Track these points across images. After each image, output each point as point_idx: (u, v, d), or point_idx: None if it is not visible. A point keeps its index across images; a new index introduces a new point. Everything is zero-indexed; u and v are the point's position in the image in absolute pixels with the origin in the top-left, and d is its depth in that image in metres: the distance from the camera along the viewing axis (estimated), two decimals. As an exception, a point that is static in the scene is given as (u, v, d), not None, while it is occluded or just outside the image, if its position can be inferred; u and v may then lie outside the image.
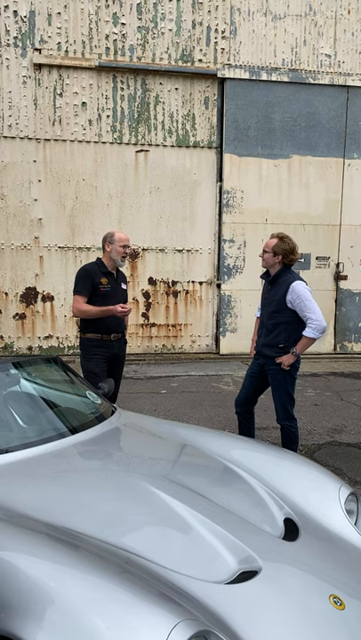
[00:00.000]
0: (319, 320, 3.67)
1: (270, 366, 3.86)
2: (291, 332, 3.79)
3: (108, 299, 3.99)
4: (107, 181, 7.97)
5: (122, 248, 4.03)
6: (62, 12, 7.54)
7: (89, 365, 3.99)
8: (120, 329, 4.12)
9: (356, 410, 5.79)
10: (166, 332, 8.40)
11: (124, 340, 4.22)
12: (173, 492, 2.18)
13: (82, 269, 4.06)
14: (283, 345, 3.79)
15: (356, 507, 2.44)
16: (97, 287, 3.99)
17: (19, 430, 2.65)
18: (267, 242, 3.87)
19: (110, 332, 4.03)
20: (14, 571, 1.61)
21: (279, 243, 3.80)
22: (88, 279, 3.97)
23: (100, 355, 4.01)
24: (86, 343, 4.04)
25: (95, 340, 4.01)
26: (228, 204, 8.24)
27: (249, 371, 4.08)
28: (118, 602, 1.50)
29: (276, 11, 8.04)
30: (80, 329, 4.13)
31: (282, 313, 3.79)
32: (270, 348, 3.84)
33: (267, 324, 3.88)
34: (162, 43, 7.85)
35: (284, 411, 3.90)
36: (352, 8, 8.24)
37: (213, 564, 1.84)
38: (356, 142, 8.48)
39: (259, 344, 3.96)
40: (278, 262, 3.83)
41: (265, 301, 3.96)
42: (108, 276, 4.07)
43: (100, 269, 4.04)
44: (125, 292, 4.26)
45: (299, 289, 3.72)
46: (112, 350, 4.06)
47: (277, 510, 2.29)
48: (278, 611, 1.71)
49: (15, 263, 7.93)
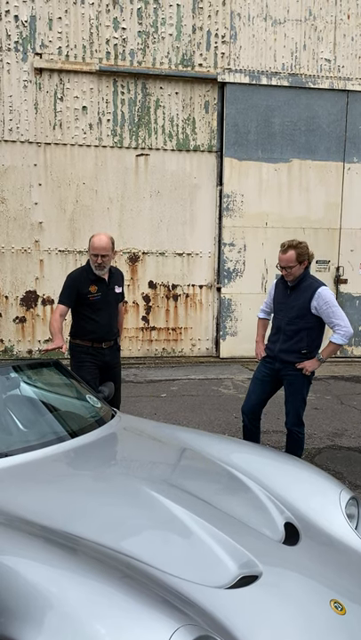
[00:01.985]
0: (348, 327, 3.64)
1: (289, 372, 3.77)
2: (313, 337, 3.73)
3: (98, 307, 3.82)
4: (107, 185, 7.99)
5: (94, 257, 3.74)
6: (63, 16, 7.57)
7: (79, 372, 3.78)
8: (111, 337, 3.95)
9: (356, 414, 5.78)
10: (166, 335, 8.40)
11: (117, 347, 4.06)
12: (173, 496, 2.17)
13: (68, 277, 3.86)
14: (305, 351, 3.72)
15: (356, 511, 2.43)
16: (85, 297, 3.79)
17: (18, 434, 2.64)
18: (283, 257, 3.67)
19: (101, 341, 3.87)
20: (14, 575, 1.60)
21: (298, 251, 3.66)
22: (73, 289, 3.78)
23: (89, 362, 3.85)
24: (76, 349, 3.89)
25: (85, 347, 3.86)
26: (228, 208, 8.26)
27: (258, 375, 3.97)
28: (118, 606, 1.49)
29: (276, 15, 8.08)
30: (70, 333, 3.95)
31: (304, 319, 3.71)
32: (291, 353, 3.75)
33: (286, 329, 3.77)
34: (162, 47, 7.88)
35: (296, 416, 3.84)
36: (352, 13, 8.27)
37: (214, 569, 1.83)
38: (356, 146, 8.50)
39: (275, 349, 3.83)
40: (304, 268, 3.74)
41: (282, 306, 3.83)
42: (98, 282, 3.83)
43: (87, 276, 3.82)
44: (120, 295, 4.04)
45: (326, 295, 3.65)
46: (103, 358, 3.90)
47: (278, 514, 2.28)
48: (279, 616, 1.70)
49: (15, 266, 7.93)
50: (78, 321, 3.91)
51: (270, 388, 3.95)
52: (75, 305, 3.85)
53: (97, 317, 3.85)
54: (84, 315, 3.86)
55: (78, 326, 3.90)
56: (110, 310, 3.92)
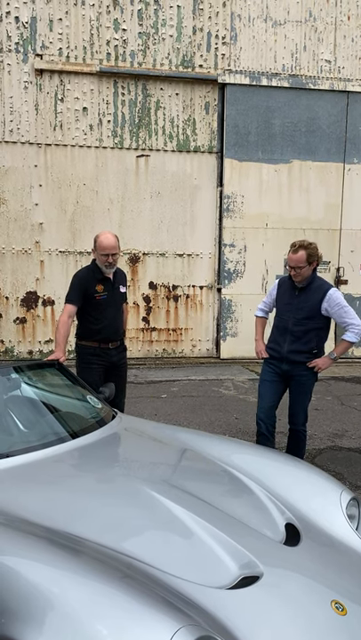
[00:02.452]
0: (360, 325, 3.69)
1: (300, 372, 3.78)
2: (322, 337, 3.78)
3: (104, 307, 3.83)
4: (107, 186, 7.99)
5: (104, 257, 3.76)
6: (64, 17, 7.58)
7: (85, 375, 3.79)
8: (118, 337, 3.97)
9: (356, 414, 5.78)
10: (167, 336, 8.40)
11: (124, 347, 4.07)
12: (174, 496, 2.17)
13: (75, 277, 3.87)
14: (316, 351, 3.77)
15: (357, 512, 2.43)
16: (92, 296, 3.80)
17: (19, 435, 2.65)
18: (294, 257, 3.64)
19: (108, 341, 3.88)
20: (15, 575, 1.60)
21: (309, 251, 3.64)
22: (81, 288, 3.79)
23: (96, 363, 3.85)
24: (83, 351, 3.89)
25: (92, 348, 3.85)
26: (228, 209, 8.26)
27: (266, 377, 3.92)
28: (119, 607, 1.49)
29: (276, 17, 8.08)
30: (76, 335, 3.96)
31: (314, 319, 3.72)
32: (300, 354, 3.75)
33: (294, 330, 3.75)
34: (163, 48, 7.88)
35: (304, 415, 3.87)
36: (352, 14, 8.28)
37: (215, 569, 1.83)
38: (357, 147, 8.50)
39: (282, 350, 3.81)
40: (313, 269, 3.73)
41: (288, 307, 3.80)
42: (104, 281, 3.85)
43: (94, 275, 3.84)
44: (124, 295, 4.07)
45: (337, 296, 3.70)
46: (110, 358, 3.90)
47: (279, 515, 2.28)
48: (280, 616, 1.71)
49: (16, 267, 7.93)
50: (84, 322, 3.92)
51: (281, 388, 3.93)
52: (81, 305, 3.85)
53: (103, 317, 3.86)
54: (91, 315, 3.86)
55: (84, 327, 3.90)
56: (116, 310, 3.93)
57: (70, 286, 3.85)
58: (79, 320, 3.97)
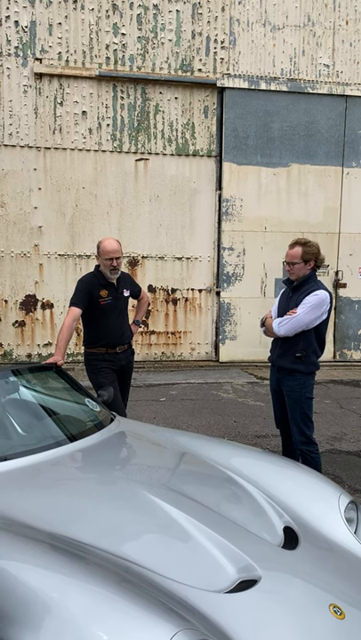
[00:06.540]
0: (292, 324, 3.47)
1: (286, 382, 3.64)
2: (310, 339, 3.56)
3: (109, 312, 3.85)
4: (107, 189, 8.01)
5: (108, 261, 3.78)
6: (63, 22, 7.60)
7: (97, 379, 3.82)
8: (125, 340, 3.99)
9: (355, 418, 5.78)
10: (166, 339, 8.40)
11: (131, 351, 4.10)
12: (173, 500, 2.17)
13: (80, 281, 3.89)
14: (300, 354, 3.57)
15: (355, 515, 2.43)
16: (97, 301, 3.81)
17: (18, 438, 2.64)
18: (289, 253, 3.57)
19: (115, 346, 3.90)
20: (13, 580, 1.60)
21: (306, 249, 3.54)
22: (86, 292, 3.80)
23: (106, 367, 3.86)
24: (91, 357, 3.90)
25: (100, 354, 3.87)
26: (227, 213, 8.27)
27: (271, 384, 3.83)
28: (118, 611, 1.49)
29: (274, 21, 8.12)
30: (84, 343, 3.97)
31: None
32: (285, 357, 3.60)
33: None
34: (162, 52, 7.91)
35: (300, 434, 3.62)
36: (350, 19, 8.31)
37: (213, 573, 1.83)
38: (355, 151, 8.53)
39: (273, 356, 3.73)
40: (310, 269, 3.60)
41: (282, 310, 3.70)
42: (108, 287, 3.88)
43: (98, 281, 3.85)
44: (138, 290, 4.18)
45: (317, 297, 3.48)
46: (119, 362, 3.93)
47: (277, 519, 2.28)
48: (278, 620, 1.70)
49: (15, 271, 7.94)
50: (90, 329, 3.93)
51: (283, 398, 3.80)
52: (86, 311, 3.85)
53: (108, 322, 3.88)
54: (96, 321, 3.87)
55: (90, 334, 3.91)
56: (121, 314, 3.94)
57: (75, 290, 3.85)
58: (85, 327, 3.97)
